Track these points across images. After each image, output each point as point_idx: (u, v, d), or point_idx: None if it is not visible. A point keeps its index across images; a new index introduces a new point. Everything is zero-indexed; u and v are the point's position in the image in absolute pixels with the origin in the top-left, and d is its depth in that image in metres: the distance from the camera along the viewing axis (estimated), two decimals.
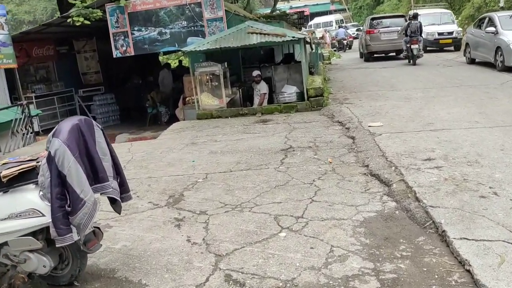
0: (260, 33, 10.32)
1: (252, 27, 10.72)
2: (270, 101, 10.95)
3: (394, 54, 20.33)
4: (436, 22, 21.27)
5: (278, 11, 24.99)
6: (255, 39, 10.11)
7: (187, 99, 12.94)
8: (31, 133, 10.44)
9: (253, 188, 5.42)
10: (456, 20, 22.32)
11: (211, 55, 12.53)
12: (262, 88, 10.93)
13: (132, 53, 12.38)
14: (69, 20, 11.71)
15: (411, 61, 17.42)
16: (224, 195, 5.27)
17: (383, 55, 20.73)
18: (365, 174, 5.62)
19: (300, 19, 19.84)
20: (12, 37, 13.44)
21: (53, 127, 3.42)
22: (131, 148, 8.25)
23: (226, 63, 11.03)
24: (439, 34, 20.72)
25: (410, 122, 7.87)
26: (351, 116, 8.73)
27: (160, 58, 24.61)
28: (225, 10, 11.95)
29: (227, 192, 5.38)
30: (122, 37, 12.35)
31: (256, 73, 10.96)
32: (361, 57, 22.64)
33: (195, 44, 10.74)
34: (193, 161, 6.86)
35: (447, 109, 8.71)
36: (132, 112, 16.07)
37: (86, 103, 15.61)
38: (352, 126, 8.00)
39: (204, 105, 10.52)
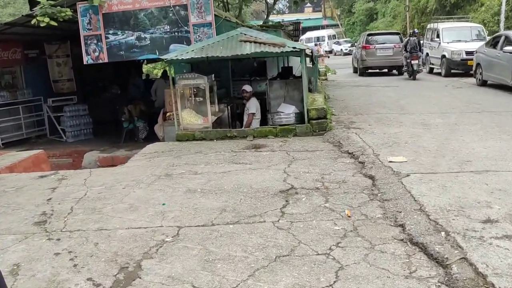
0: (255, 42, 8.66)
1: (245, 34, 9.06)
2: (264, 122, 9.26)
3: (386, 70, 20.83)
4: (463, 38, 17.95)
5: (271, 23, 23.50)
6: (248, 49, 8.45)
7: (168, 114, 11.25)
8: None
9: (243, 259, 3.68)
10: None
11: (197, 66, 10.86)
12: (250, 106, 9.23)
13: (106, 60, 10.63)
14: (33, 21, 9.93)
15: (412, 76, 17.42)
16: (200, 272, 3.52)
17: (377, 70, 20.86)
18: (402, 240, 3.92)
19: (296, 31, 18.27)
20: None
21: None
22: (88, 179, 6.46)
23: (213, 75, 9.34)
24: (468, 53, 16.43)
25: (440, 158, 6.22)
26: (363, 146, 7.08)
27: (144, 67, 22.86)
28: (215, 15, 10.30)
29: (205, 264, 3.64)
30: (95, 41, 10.59)
31: (248, 88, 9.28)
32: (354, 71, 22.81)
33: (178, 51, 9.03)
34: (163, 204, 5.11)
35: (480, 141, 7.10)
36: (108, 126, 14.21)
37: (56, 113, 13.77)
38: (368, 160, 6.32)
39: (186, 124, 8.79)
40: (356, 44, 28.14)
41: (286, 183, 5.63)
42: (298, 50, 8.31)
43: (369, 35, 21.88)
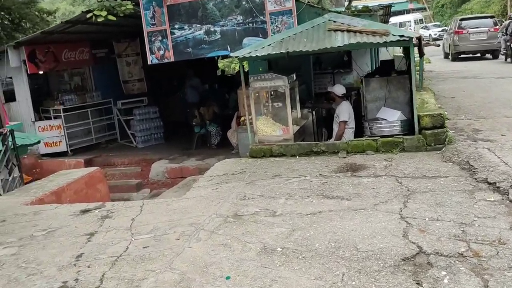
0: (348, 31, 6.70)
1: (335, 21, 7.12)
2: (358, 132, 7.30)
3: (479, 54, 20.43)
4: None
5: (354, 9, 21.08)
6: (340, 40, 6.51)
7: (242, 119, 9.63)
8: (16, 174, 7.36)
9: None
10: None
11: (276, 62, 9.11)
12: (341, 112, 7.27)
13: (172, 59, 9.16)
14: (89, 15, 8.67)
15: (510, 59, 17.12)
16: None
17: (470, 55, 20.44)
18: None
19: (386, 16, 15.88)
20: (34, 38, 10.70)
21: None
22: (137, 218, 4.92)
23: (294, 74, 7.52)
24: None
25: None
26: (508, 172, 4.93)
27: (220, 64, 21.49)
28: (295, 0, 8.46)
29: None
30: (160, 38, 9.16)
31: (339, 90, 7.32)
32: (445, 57, 22.63)
33: (252, 46, 7.29)
34: (227, 278, 3.42)
35: None
36: (181, 128, 12.83)
37: (126, 117, 12.67)
38: None
39: (262, 135, 7.06)
40: (447, 29, 27.31)
41: (408, 241, 3.70)
42: (407, 39, 6.24)
43: (461, 19, 21.47)
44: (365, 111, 7.23)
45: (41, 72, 12.42)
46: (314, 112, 7.86)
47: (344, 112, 7.02)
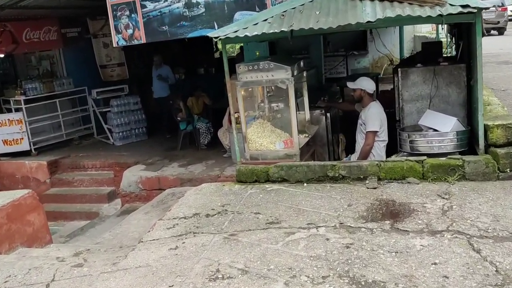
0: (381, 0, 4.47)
1: None
2: (390, 145, 5.06)
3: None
4: None
5: None
6: (371, 12, 4.27)
7: (236, 115, 7.53)
8: None
9: None
10: None
11: (277, 42, 6.96)
12: (370, 119, 4.92)
13: (143, 40, 6.95)
14: None
15: None
16: None
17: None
18: None
19: None
20: None
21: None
22: None
23: (301, 61, 5.30)
24: None
25: None
26: None
27: (219, 45, 19.19)
28: None
29: None
30: (127, 13, 6.96)
31: (367, 85, 5.02)
32: None
33: (241, 22, 5.03)
34: None
35: None
36: (167, 122, 10.63)
37: (104, 108, 10.53)
38: None
39: (255, 149, 4.91)
40: None
41: None
42: (474, 10, 4.00)
43: None
44: (400, 114, 5.02)
45: (1, 56, 10.31)
46: (328, 115, 5.63)
47: (374, 118, 4.79)
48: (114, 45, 7.18)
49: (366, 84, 4.90)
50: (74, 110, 10.81)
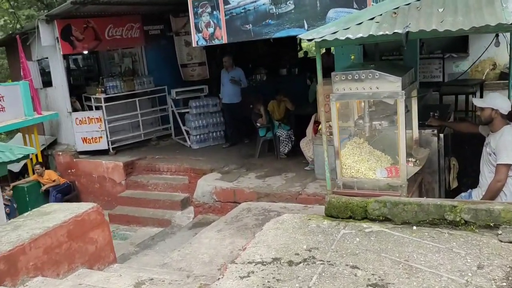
0: None
1: None
2: None
3: None
4: None
5: None
6: None
7: (321, 126, 6.66)
8: None
9: None
10: None
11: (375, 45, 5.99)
12: (503, 147, 3.62)
13: (224, 40, 6.29)
14: None
15: None
16: None
17: None
18: None
19: None
20: (66, 10, 8.35)
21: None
22: None
23: (413, 70, 4.29)
24: None
25: None
26: None
27: (304, 43, 18.25)
28: None
29: None
30: (208, 10, 6.32)
31: (505, 104, 3.81)
32: None
33: (340, 21, 4.14)
34: None
35: None
36: (248, 126, 9.92)
37: (183, 108, 10.10)
38: None
39: (349, 176, 4.02)
40: None
41: None
42: None
43: None
44: None
45: (85, 52, 10.22)
46: (442, 136, 4.57)
47: (510, 148, 3.66)
48: (193, 45, 6.58)
49: (500, 103, 3.77)
50: (153, 110, 10.51)
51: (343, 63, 5.87)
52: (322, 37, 3.62)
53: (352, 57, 5.67)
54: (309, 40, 3.71)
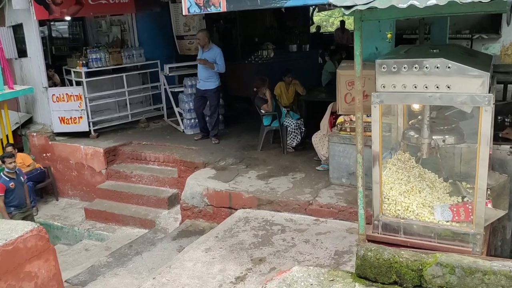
0: None
1: None
2: None
3: None
4: None
5: None
6: None
7: (340, 119, 5.39)
8: None
9: None
10: None
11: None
12: None
13: (222, 8, 4.85)
14: None
15: None
16: None
17: None
18: None
19: None
20: None
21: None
22: None
23: (491, 58, 2.92)
24: None
25: None
26: None
27: (316, 17, 16.63)
28: None
29: None
30: None
31: None
32: None
33: None
34: None
35: None
36: (252, 110, 8.48)
37: (176, 87, 8.70)
38: None
39: (393, 214, 2.69)
40: None
41: None
42: None
43: None
44: None
45: (68, 18, 8.78)
46: None
47: None
48: (184, 13, 5.14)
49: None
50: (144, 87, 9.13)
51: (376, 44, 4.47)
52: (368, 3, 2.21)
53: (389, 35, 4.25)
54: (347, 9, 2.31)
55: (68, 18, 8.80)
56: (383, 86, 2.49)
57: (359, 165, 2.71)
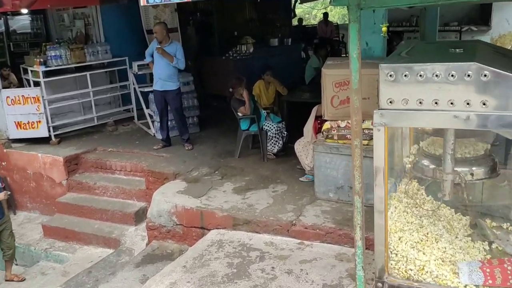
0: None
1: None
2: None
3: None
4: None
5: None
6: None
7: (326, 126, 4.70)
8: None
9: None
10: None
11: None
12: None
13: None
14: None
15: None
16: None
17: None
18: None
19: None
20: None
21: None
22: None
23: None
24: None
25: None
26: None
27: (298, 8, 15.84)
28: None
29: None
30: None
31: None
32: None
33: None
34: None
35: None
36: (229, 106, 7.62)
37: (146, 86, 7.84)
38: None
39: (403, 276, 1.97)
40: None
41: None
42: None
43: None
44: None
45: (25, 11, 7.88)
46: None
47: None
48: (141, 3, 4.33)
49: None
50: (112, 87, 8.28)
51: (365, 39, 3.73)
52: None
53: (384, 28, 3.53)
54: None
55: (24, 11, 7.87)
56: (390, 102, 1.76)
57: (356, 197, 1.97)
